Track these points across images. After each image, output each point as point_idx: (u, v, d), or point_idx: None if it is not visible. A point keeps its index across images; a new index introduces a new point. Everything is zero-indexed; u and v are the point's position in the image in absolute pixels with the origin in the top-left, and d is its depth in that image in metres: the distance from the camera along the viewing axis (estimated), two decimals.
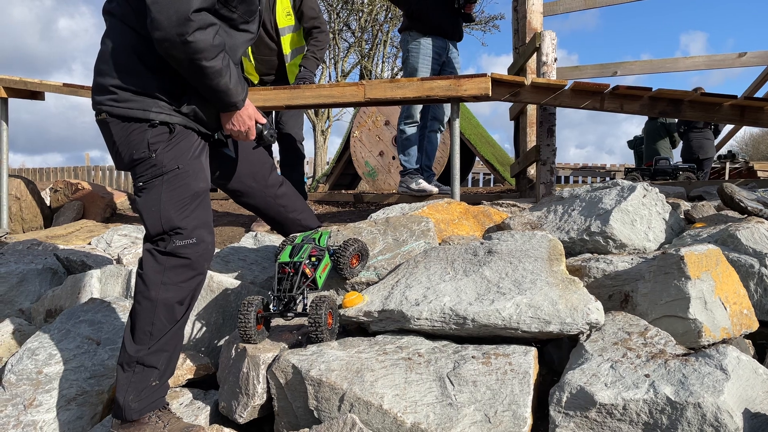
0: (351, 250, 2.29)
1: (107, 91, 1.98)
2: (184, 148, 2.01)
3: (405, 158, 4.74)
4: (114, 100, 1.96)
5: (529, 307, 1.90)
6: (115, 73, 1.96)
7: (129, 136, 1.97)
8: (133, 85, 1.95)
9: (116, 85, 1.96)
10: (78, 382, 2.24)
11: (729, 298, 1.97)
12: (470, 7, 4.46)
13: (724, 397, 1.54)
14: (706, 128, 8.20)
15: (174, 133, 1.99)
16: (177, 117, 2.00)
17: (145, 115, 1.95)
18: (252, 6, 2.07)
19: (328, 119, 10.49)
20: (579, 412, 1.66)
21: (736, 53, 4.59)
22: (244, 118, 2.12)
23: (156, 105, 1.96)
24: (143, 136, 1.96)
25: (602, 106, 3.50)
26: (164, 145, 1.97)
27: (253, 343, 2.06)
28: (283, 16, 4.01)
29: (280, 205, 2.54)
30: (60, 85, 4.52)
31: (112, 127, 1.99)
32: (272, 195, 2.51)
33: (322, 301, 2.02)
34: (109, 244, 3.75)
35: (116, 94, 1.96)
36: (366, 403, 1.75)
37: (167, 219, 1.95)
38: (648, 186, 2.68)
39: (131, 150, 1.98)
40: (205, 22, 1.84)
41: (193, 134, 2.05)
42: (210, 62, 1.87)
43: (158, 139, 1.97)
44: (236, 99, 2.02)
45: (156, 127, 1.96)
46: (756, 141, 26.59)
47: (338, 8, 10.62)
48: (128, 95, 1.95)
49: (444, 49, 4.53)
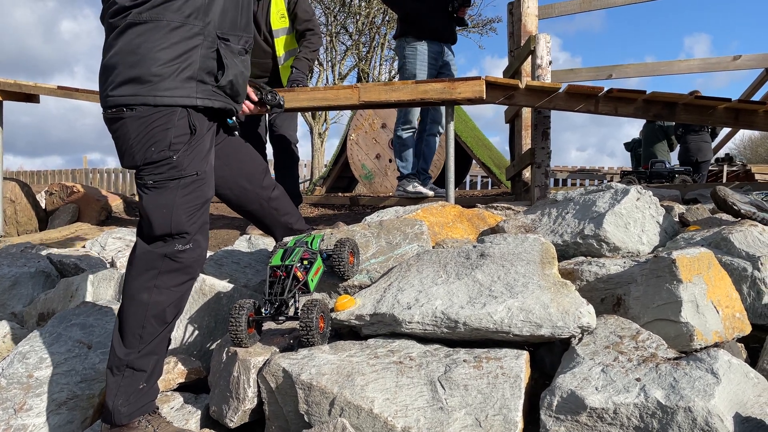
0: (347, 249, 2.29)
1: (136, 80, 1.89)
2: (201, 152, 1.99)
3: (402, 164, 4.75)
4: (154, 88, 1.89)
5: (520, 311, 1.90)
6: (147, 62, 1.89)
7: (149, 134, 1.90)
8: (169, 71, 1.90)
9: (156, 73, 1.89)
10: (69, 386, 2.23)
11: (721, 301, 1.96)
12: (464, 11, 4.48)
13: (715, 401, 1.53)
14: (703, 131, 8.20)
15: (195, 135, 1.95)
16: (218, 100, 2.00)
17: (191, 101, 1.92)
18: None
19: (325, 122, 10.49)
20: (570, 416, 1.65)
21: (731, 56, 4.60)
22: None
23: (199, 88, 1.94)
24: (166, 134, 1.90)
25: (597, 109, 3.51)
26: (185, 147, 1.93)
27: (244, 346, 2.05)
28: (277, 18, 4.02)
29: (272, 208, 2.53)
30: (54, 87, 4.52)
31: (130, 123, 1.91)
32: (265, 198, 2.50)
33: (313, 304, 2.01)
34: (104, 247, 3.74)
35: (150, 82, 1.88)
36: (356, 408, 1.74)
37: (177, 222, 1.93)
38: (642, 189, 2.68)
39: (149, 148, 1.91)
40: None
41: (206, 136, 2.02)
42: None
43: (180, 140, 1.92)
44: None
45: (182, 121, 1.92)
46: (755, 144, 26.62)
47: (336, 11, 10.63)
48: (170, 83, 1.90)
49: (440, 53, 4.54)
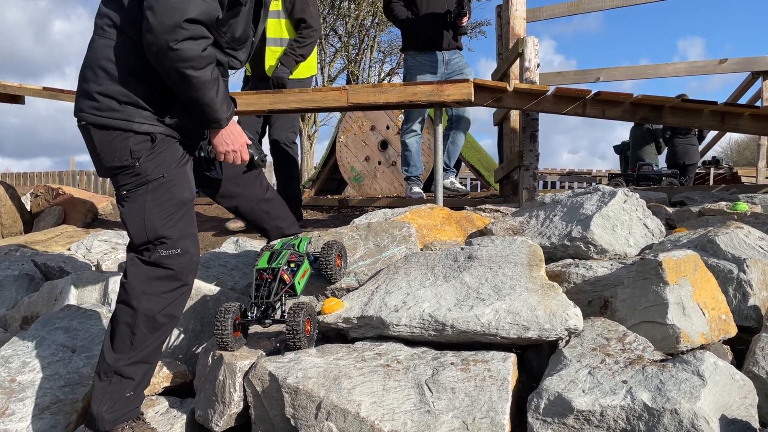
0: (334, 252, 2.28)
1: (90, 97, 1.94)
2: (167, 157, 1.98)
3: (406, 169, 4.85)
4: (96, 108, 1.93)
5: (508, 313, 1.89)
6: (101, 80, 1.93)
7: (110, 144, 1.94)
8: (117, 93, 1.92)
9: (100, 92, 1.93)
10: (52, 391, 2.20)
11: (707, 303, 1.97)
12: (461, 21, 4.54)
13: (701, 403, 1.54)
14: (690, 134, 8.27)
15: (156, 142, 1.96)
16: (160, 127, 1.96)
17: (127, 125, 1.92)
18: (241, 37, 2.06)
19: (314, 124, 10.47)
20: (557, 418, 1.65)
21: (717, 60, 4.64)
22: (234, 136, 2.07)
23: (139, 115, 1.93)
24: (125, 143, 1.93)
25: (584, 112, 3.52)
26: (147, 153, 1.94)
27: (230, 350, 2.04)
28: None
29: (263, 210, 2.52)
30: (39, 88, 4.47)
31: (93, 134, 1.96)
32: (257, 200, 2.49)
33: (300, 308, 2.00)
34: (89, 249, 3.71)
35: (98, 102, 1.92)
36: (343, 411, 1.73)
37: (152, 228, 1.92)
38: (628, 191, 2.69)
39: (113, 157, 1.94)
40: (197, 34, 1.83)
41: (176, 144, 2.02)
42: (197, 72, 1.85)
43: (141, 147, 1.93)
44: (220, 116, 1.98)
45: (138, 135, 1.93)
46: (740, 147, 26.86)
47: (325, 13, 10.63)
48: (112, 103, 1.92)
49: (440, 62, 4.65)
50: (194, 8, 1.79)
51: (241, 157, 2.12)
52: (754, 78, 6.42)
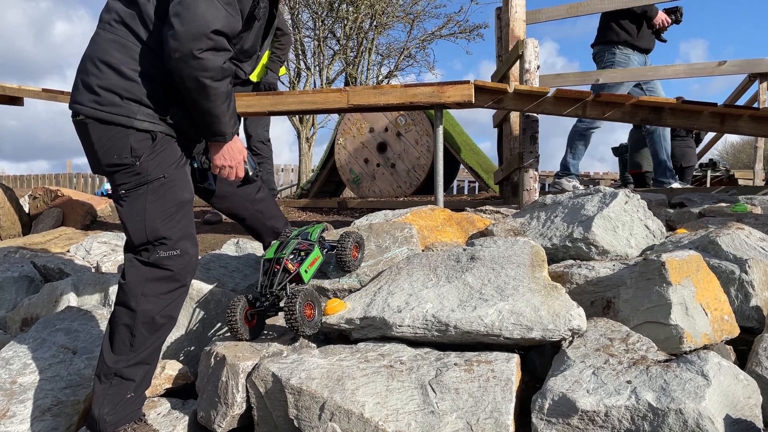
0: (350, 241, 2.30)
1: (91, 90, 1.90)
2: (168, 157, 1.96)
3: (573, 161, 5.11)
4: (97, 102, 1.89)
5: (511, 314, 1.89)
6: (104, 74, 1.90)
7: (110, 140, 1.91)
8: (120, 88, 1.89)
9: (102, 85, 1.89)
10: (53, 392, 2.19)
11: (710, 304, 1.97)
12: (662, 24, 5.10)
13: (706, 403, 1.54)
14: (688, 137, 8.29)
15: (156, 140, 1.93)
16: (161, 126, 1.95)
17: (129, 122, 1.90)
18: (249, 50, 2.08)
19: (312, 126, 10.46)
20: (561, 419, 1.64)
21: (716, 62, 4.65)
22: (234, 152, 2.06)
23: (141, 112, 1.91)
24: (126, 140, 1.90)
25: (584, 113, 3.52)
26: (148, 152, 1.92)
27: (241, 339, 2.10)
28: None
29: (257, 211, 2.51)
30: (39, 90, 4.46)
31: (92, 129, 1.92)
32: (250, 201, 2.48)
33: (299, 291, 2.01)
34: (88, 251, 3.69)
35: (100, 96, 1.89)
36: (347, 412, 1.73)
37: (152, 229, 1.91)
38: (630, 193, 2.69)
39: (113, 154, 1.91)
40: (220, 45, 1.83)
41: (175, 144, 2.01)
42: (215, 83, 1.85)
43: (142, 145, 1.91)
44: (226, 129, 1.97)
45: (139, 132, 1.91)
46: (737, 150, 26.93)
47: (323, 15, 10.62)
48: (114, 98, 1.89)
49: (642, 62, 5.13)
50: (221, 20, 1.81)
51: (236, 174, 2.11)
52: (751, 80, 6.45)
